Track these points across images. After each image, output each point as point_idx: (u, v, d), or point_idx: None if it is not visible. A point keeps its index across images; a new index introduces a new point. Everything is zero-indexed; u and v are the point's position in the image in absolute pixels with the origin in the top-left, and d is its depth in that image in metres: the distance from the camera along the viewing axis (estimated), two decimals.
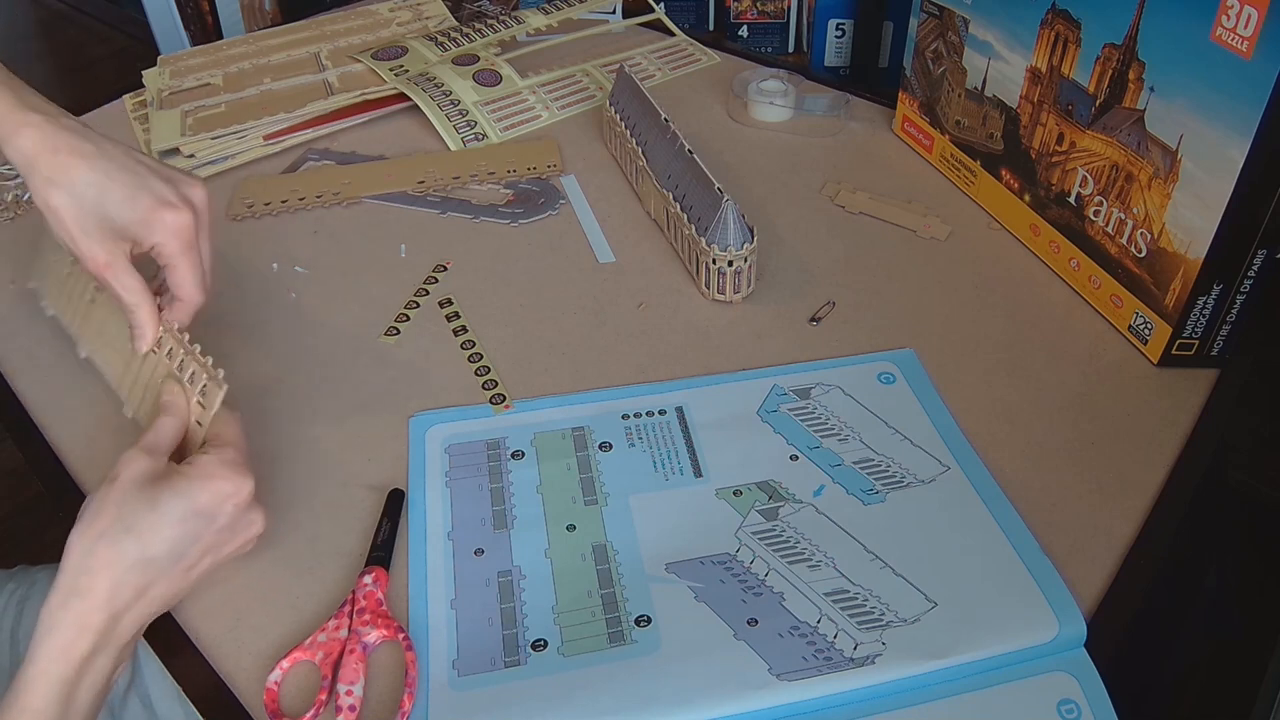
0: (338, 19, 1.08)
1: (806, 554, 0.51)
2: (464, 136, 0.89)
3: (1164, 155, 0.59)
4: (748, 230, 0.67)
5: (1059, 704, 0.44)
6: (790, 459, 0.57)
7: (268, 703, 0.46)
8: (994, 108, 0.74)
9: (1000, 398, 0.61)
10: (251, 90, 0.93)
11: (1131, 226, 0.62)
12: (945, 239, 0.75)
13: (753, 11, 1.09)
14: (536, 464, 0.57)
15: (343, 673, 0.46)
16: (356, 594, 0.49)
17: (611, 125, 0.85)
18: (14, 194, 0.84)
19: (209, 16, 1.17)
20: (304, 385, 0.64)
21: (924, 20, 0.80)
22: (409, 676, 0.46)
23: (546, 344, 0.66)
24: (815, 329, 0.67)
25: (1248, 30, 0.51)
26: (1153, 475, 0.56)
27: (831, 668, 0.46)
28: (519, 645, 0.48)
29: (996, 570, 0.50)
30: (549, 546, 0.52)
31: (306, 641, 0.48)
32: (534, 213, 0.79)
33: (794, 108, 0.89)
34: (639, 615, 0.49)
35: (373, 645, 0.48)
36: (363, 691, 0.46)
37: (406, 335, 0.67)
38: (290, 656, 0.47)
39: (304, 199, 0.82)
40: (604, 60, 1.02)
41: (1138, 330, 0.64)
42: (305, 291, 0.72)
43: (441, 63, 0.96)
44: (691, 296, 0.70)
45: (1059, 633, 0.47)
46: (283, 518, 0.55)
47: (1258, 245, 0.56)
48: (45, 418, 0.62)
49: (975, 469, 0.55)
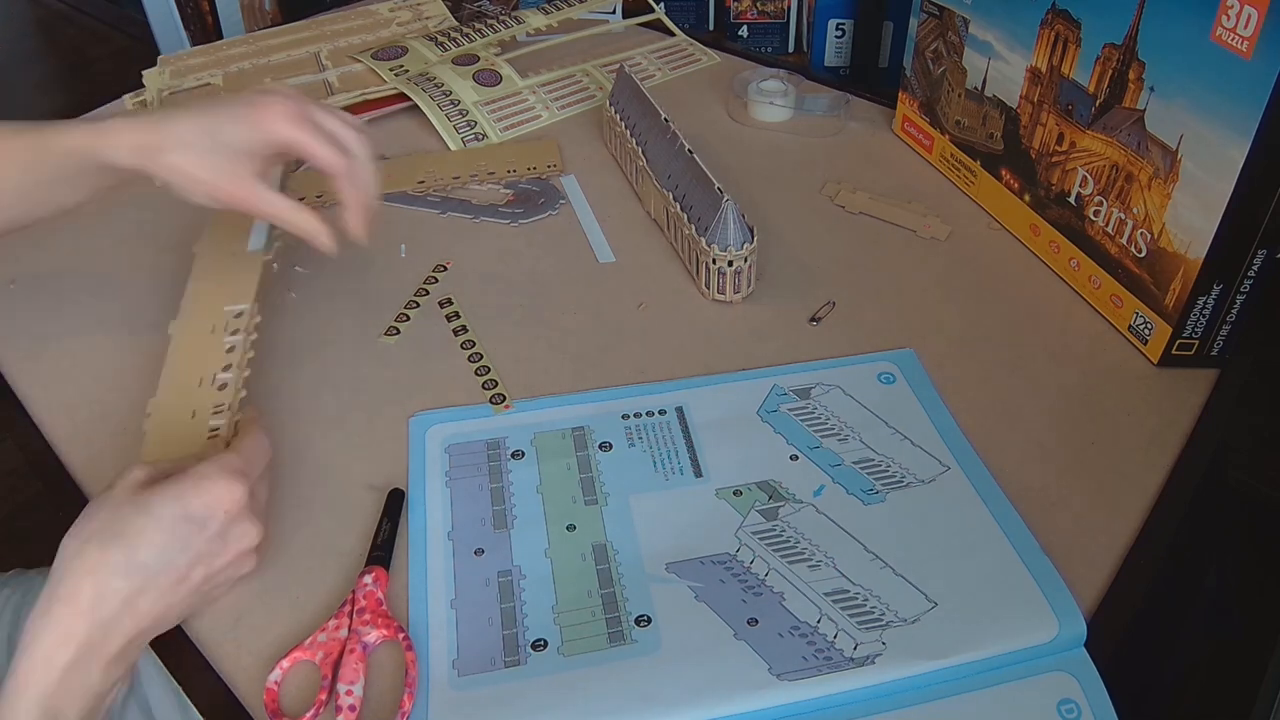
0: (337, 19, 1.08)
1: (806, 554, 0.51)
2: (464, 136, 0.89)
3: (1164, 155, 0.59)
4: (748, 230, 0.67)
5: (1059, 704, 0.44)
6: (790, 459, 0.57)
7: (268, 703, 0.46)
8: (994, 108, 0.74)
9: (1000, 397, 0.61)
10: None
11: (1131, 226, 0.62)
12: (945, 239, 0.75)
13: (753, 11, 1.09)
14: (536, 464, 0.57)
15: (343, 672, 0.46)
16: (356, 594, 0.49)
17: (611, 125, 0.85)
18: None
19: (209, 16, 1.17)
20: (304, 385, 0.63)
21: (924, 20, 0.80)
22: (409, 676, 0.46)
23: (546, 344, 0.66)
24: (815, 329, 0.67)
25: (1248, 30, 0.51)
26: (1153, 475, 0.56)
27: (831, 668, 0.46)
28: (519, 645, 0.48)
29: (996, 570, 0.50)
30: (549, 546, 0.52)
31: (307, 641, 0.48)
32: (534, 213, 0.79)
33: (794, 108, 0.89)
34: (639, 615, 0.49)
35: (373, 645, 0.48)
36: (363, 691, 0.46)
37: (406, 335, 0.67)
38: (290, 656, 0.47)
39: (304, 199, 0.82)
40: (604, 60, 1.02)
41: (1138, 330, 0.64)
42: (305, 291, 0.72)
43: (441, 63, 0.96)
44: (691, 296, 0.70)
45: (1059, 633, 0.47)
46: (283, 518, 0.55)
47: (1258, 245, 0.56)
48: (45, 418, 0.62)
49: (975, 469, 0.55)
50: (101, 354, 0.67)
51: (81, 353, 0.67)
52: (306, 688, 0.47)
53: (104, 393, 0.64)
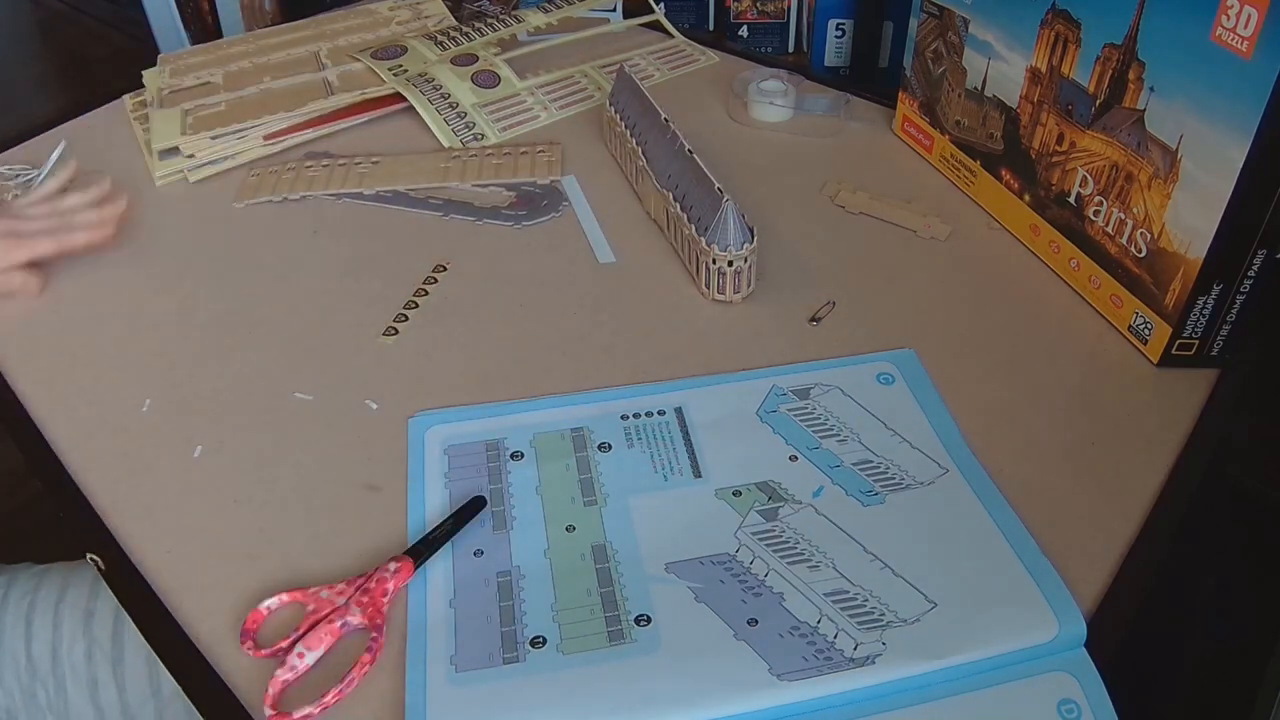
0: (337, 18, 1.08)
1: (806, 554, 0.51)
2: (462, 138, 0.89)
3: (1164, 155, 0.59)
4: (748, 230, 0.67)
5: (1059, 704, 0.44)
6: (789, 459, 0.57)
7: (249, 622, 0.48)
8: (994, 108, 0.74)
9: (1000, 397, 0.61)
10: (251, 89, 0.93)
11: (1131, 226, 0.62)
12: (945, 239, 0.75)
13: (753, 11, 1.09)
14: (536, 465, 0.57)
15: (310, 635, 0.47)
16: (373, 575, 0.50)
17: (611, 125, 0.85)
18: (14, 194, 0.84)
19: (209, 16, 1.17)
20: (304, 385, 0.63)
21: (924, 20, 0.80)
22: (349, 672, 0.46)
23: (546, 344, 0.66)
24: (815, 329, 0.67)
25: (1248, 30, 0.51)
26: (1153, 475, 0.55)
27: (831, 668, 0.46)
28: (518, 642, 0.48)
29: (996, 571, 0.50)
30: (548, 547, 0.52)
31: (311, 589, 0.49)
32: (537, 214, 0.79)
33: (794, 108, 0.89)
34: (639, 615, 0.49)
35: (352, 627, 0.48)
36: (315, 661, 0.47)
37: (406, 335, 0.67)
38: (291, 594, 0.49)
39: (304, 198, 0.82)
40: (603, 61, 1.02)
41: (1138, 330, 0.64)
42: (305, 291, 0.72)
43: (440, 63, 0.96)
44: (691, 296, 0.70)
45: (1059, 633, 0.46)
46: (282, 518, 0.55)
47: (1258, 245, 0.56)
48: (45, 418, 0.62)
49: (974, 472, 0.55)
50: (102, 354, 0.67)
51: (82, 353, 0.67)
52: (285, 629, 0.48)
53: (104, 392, 0.64)
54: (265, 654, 0.47)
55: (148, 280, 0.73)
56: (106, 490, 0.57)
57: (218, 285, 0.73)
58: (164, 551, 0.53)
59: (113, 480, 0.58)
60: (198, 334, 0.68)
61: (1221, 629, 0.75)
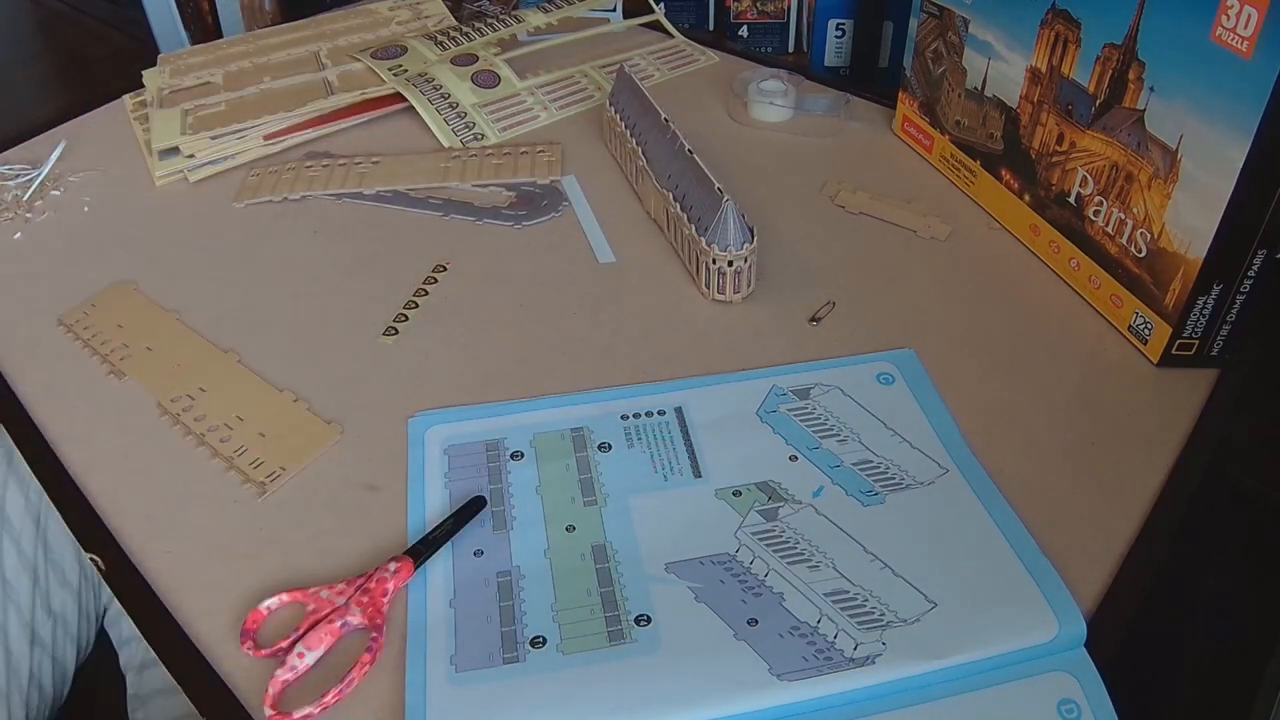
0: (337, 18, 1.08)
1: (806, 555, 0.51)
2: (462, 139, 0.89)
3: (1164, 155, 0.59)
4: (748, 230, 0.67)
5: (1059, 704, 0.44)
6: (789, 459, 0.57)
7: (249, 622, 0.48)
8: (994, 108, 0.74)
9: (1000, 397, 0.61)
10: (251, 89, 0.93)
11: (1131, 226, 0.62)
12: (945, 239, 0.75)
13: (753, 11, 1.09)
14: (536, 465, 0.57)
15: (309, 635, 0.47)
16: (373, 575, 0.50)
17: (611, 125, 0.85)
18: (14, 194, 0.84)
19: (209, 16, 1.17)
20: (303, 385, 0.63)
21: (924, 20, 0.80)
22: (349, 673, 0.46)
23: (546, 344, 0.66)
24: (815, 329, 0.67)
25: (1248, 30, 0.51)
26: (1153, 475, 0.55)
27: (831, 668, 0.46)
28: (518, 642, 0.48)
29: (996, 571, 0.50)
30: (548, 547, 0.52)
31: (311, 589, 0.49)
32: (537, 214, 0.79)
33: (794, 108, 0.89)
34: (639, 614, 0.49)
35: (352, 627, 0.48)
36: (315, 661, 0.47)
37: (406, 335, 0.67)
38: (291, 594, 0.49)
39: (304, 198, 0.82)
40: (603, 61, 1.02)
41: (1138, 330, 0.64)
42: (305, 290, 0.72)
43: (440, 63, 0.96)
44: (691, 296, 0.70)
45: (1059, 633, 0.46)
46: (282, 518, 0.55)
47: (1258, 245, 0.56)
48: (45, 418, 0.62)
49: (974, 472, 0.55)
50: (102, 354, 0.67)
51: (82, 353, 0.67)
52: (285, 629, 0.48)
53: (104, 392, 0.64)
54: (265, 654, 0.47)
55: (148, 280, 0.73)
56: (106, 490, 0.57)
57: (217, 285, 0.73)
58: (164, 551, 0.53)
59: (113, 480, 0.58)
60: (198, 334, 0.68)
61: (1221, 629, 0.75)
